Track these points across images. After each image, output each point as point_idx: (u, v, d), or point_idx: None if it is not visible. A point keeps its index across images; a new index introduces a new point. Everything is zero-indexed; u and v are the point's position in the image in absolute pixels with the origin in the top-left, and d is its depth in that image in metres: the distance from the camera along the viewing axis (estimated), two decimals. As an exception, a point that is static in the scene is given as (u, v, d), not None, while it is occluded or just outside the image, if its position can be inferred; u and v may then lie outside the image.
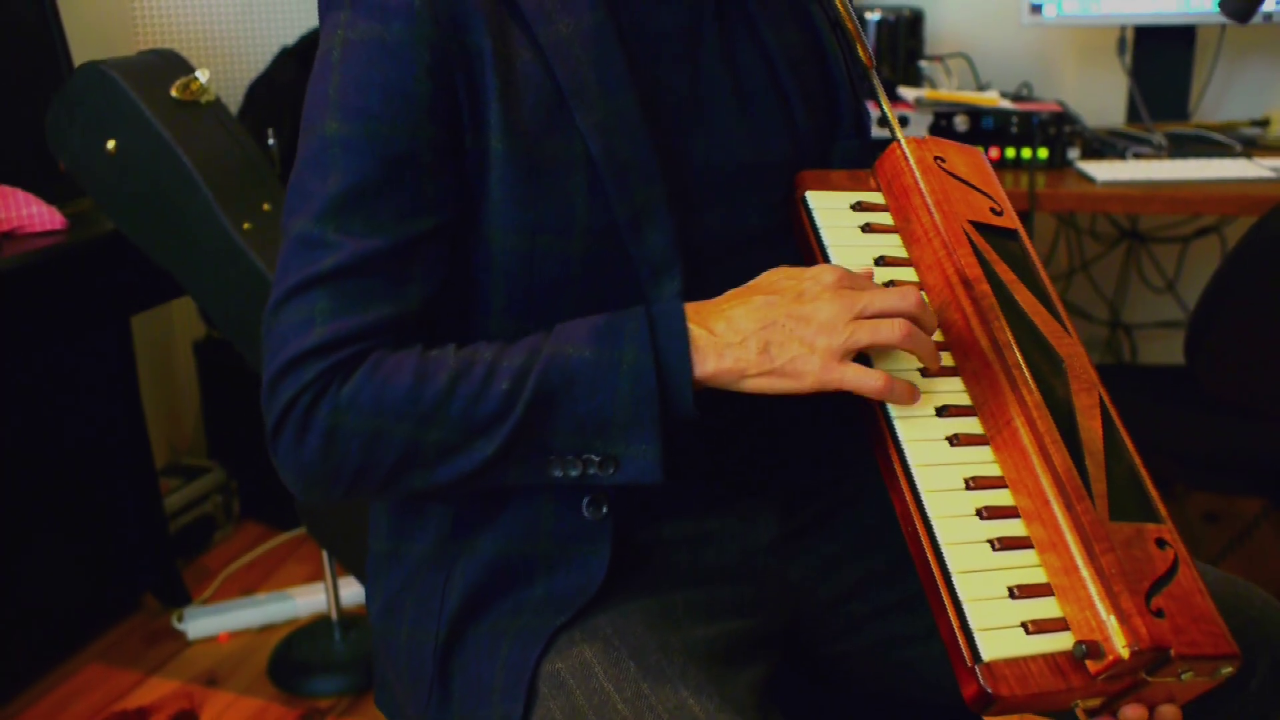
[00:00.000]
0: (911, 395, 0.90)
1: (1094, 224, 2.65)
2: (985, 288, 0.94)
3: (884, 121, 1.07)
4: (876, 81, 1.05)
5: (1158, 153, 2.24)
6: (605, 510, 0.96)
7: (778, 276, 0.92)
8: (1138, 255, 2.67)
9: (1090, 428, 0.90)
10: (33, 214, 1.89)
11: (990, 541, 0.87)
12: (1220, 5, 1.12)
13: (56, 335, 2.11)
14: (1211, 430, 1.91)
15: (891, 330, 0.88)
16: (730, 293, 0.93)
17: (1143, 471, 0.91)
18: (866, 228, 1.02)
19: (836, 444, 1.11)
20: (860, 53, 1.06)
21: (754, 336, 0.88)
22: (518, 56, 0.93)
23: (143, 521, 2.37)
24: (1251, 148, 2.28)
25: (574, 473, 0.90)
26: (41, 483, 2.21)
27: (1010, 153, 2.18)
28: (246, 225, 1.79)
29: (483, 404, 0.89)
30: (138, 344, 2.37)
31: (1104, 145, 2.28)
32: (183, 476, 2.62)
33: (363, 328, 0.90)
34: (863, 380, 0.88)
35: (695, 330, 0.89)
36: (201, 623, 2.31)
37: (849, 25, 1.04)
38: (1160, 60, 2.44)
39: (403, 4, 0.91)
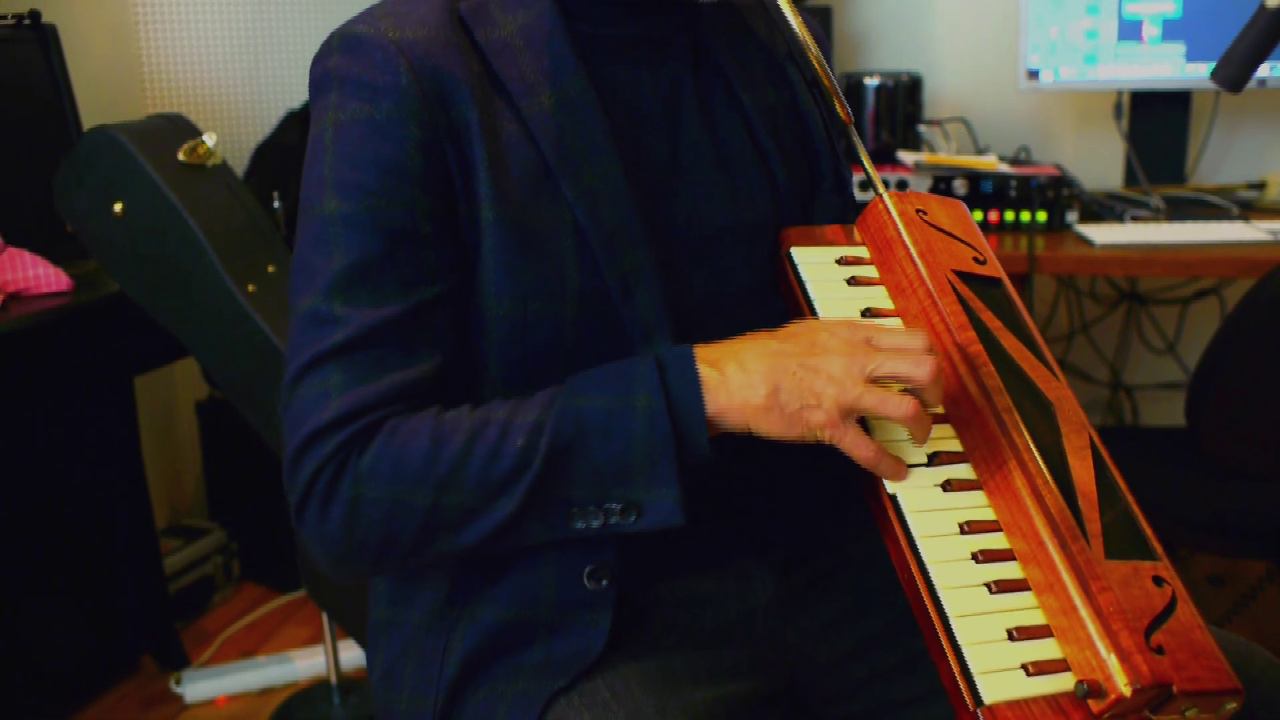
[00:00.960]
0: (899, 473, 0.91)
1: (1094, 286, 2.66)
2: (971, 334, 0.95)
3: (867, 176, 1.08)
4: (855, 138, 1.07)
5: (1155, 215, 2.25)
6: (606, 582, 0.97)
7: (797, 327, 0.93)
8: (1138, 317, 2.68)
9: (1082, 469, 0.91)
10: (39, 275, 1.91)
11: (987, 585, 0.87)
12: (1212, 74, 1.14)
13: (60, 395, 2.12)
14: (1214, 492, 1.91)
15: (898, 407, 0.87)
16: (745, 336, 0.93)
17: (1136, 510, 0.91)
18: (852, 281, 1.03)
19: (834, 504, 1.11)
20: (838, 109, 1.07)
21: (764, 380, 0.89)
22: (503, 128, 0.96)
23: (142, 583, 2.36)
24: (1248, 210, 2.30)
25: (596, 523, 0.91)
26: (41, 542, 2.20)
27: (1009, 216, 2.20)
28: (251, 287, 1.81)
29: (499, 462, 0.89)
30: (140, 404, 2.37)
31: (1102, 208, 2.30)
32: (183, 537, 2.62)
33: (377, 396, 0.91)
34: (857, 447, 0.88)
35: (705, 370, 0.90)
36: (200, 685, 2.30)
37: (825, 83, 1.06)
38: (1156, 125, 2.47)
39: (390, 83, 0.93)
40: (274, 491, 2.45)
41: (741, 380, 0.89)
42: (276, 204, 2.06)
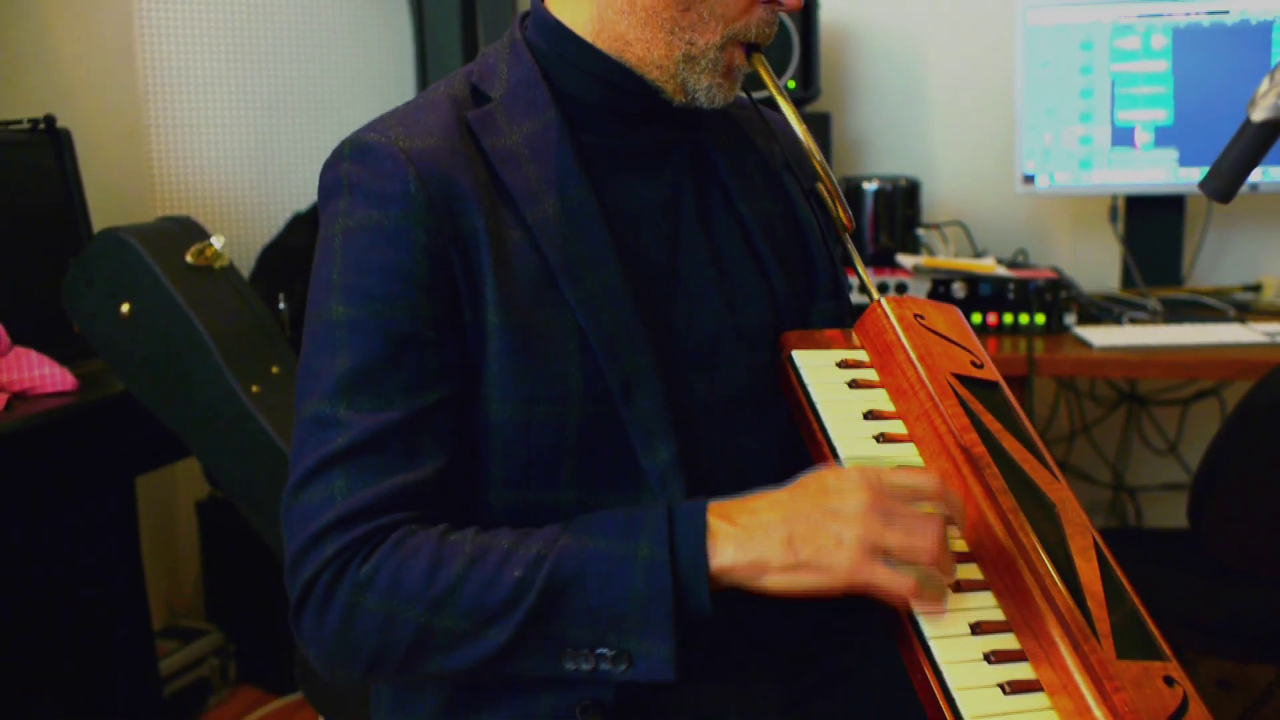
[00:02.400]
0: (941, 605, 0.89)
1: (1093, 387, 2.67)
2: (974, 436, 0.96)
3: (860, 281, 1.10)
4: (850, 246, 1.09)
5: (1153, 317, 2.27)
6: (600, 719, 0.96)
7: (805, 479, 0.93)
8: (1138, 418, 2.68)
9: (1088, 569, 0.91)
10: (44, 375, 1.92)
11: (1001, 686, 0.87)
12: (1202, 185, 1.16)
13: (61, 494, 2.12)
14: (1220, 595, 1.89)
15: (922, 544, 0.87)
16: (756, 494, 0.93)
17: (1142, 610, 0.92)
18: (853, 384, 1.05)
19: (841, 605, 1.10)
20: (839, 213, 1.10)
21: (779, 527, 0.88)
22: (509, 235, 0.98)
23: (137, 684, 2.33)
24: (1245, 312, 2.32)
25: (586, 666, 0.90)
26: (36, 640, 2.18)
27: (1008, 318, 2.22)
28: (254, 388, 1.82)
29: (494, 591, 0.90)
30: (140, 502, 2.37)
31: (1100, 310, 2.32)
32: (180, 639, 2.59)
33: (380, 500, 0.92)
34: (894, 581, 0.87)
35: (716, 523, 0.90)
36: (192, 791, 2.25)
37: (829, 188, 1.09)
38: (1151, 228, 2.50)
39: (399, 190, 0.95)
40: (273, 593, 2.43)
41: (754, 529, 0.89)
42: (282, 305, 2.09)
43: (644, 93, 1.03)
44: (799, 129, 1.07)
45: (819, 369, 1.05)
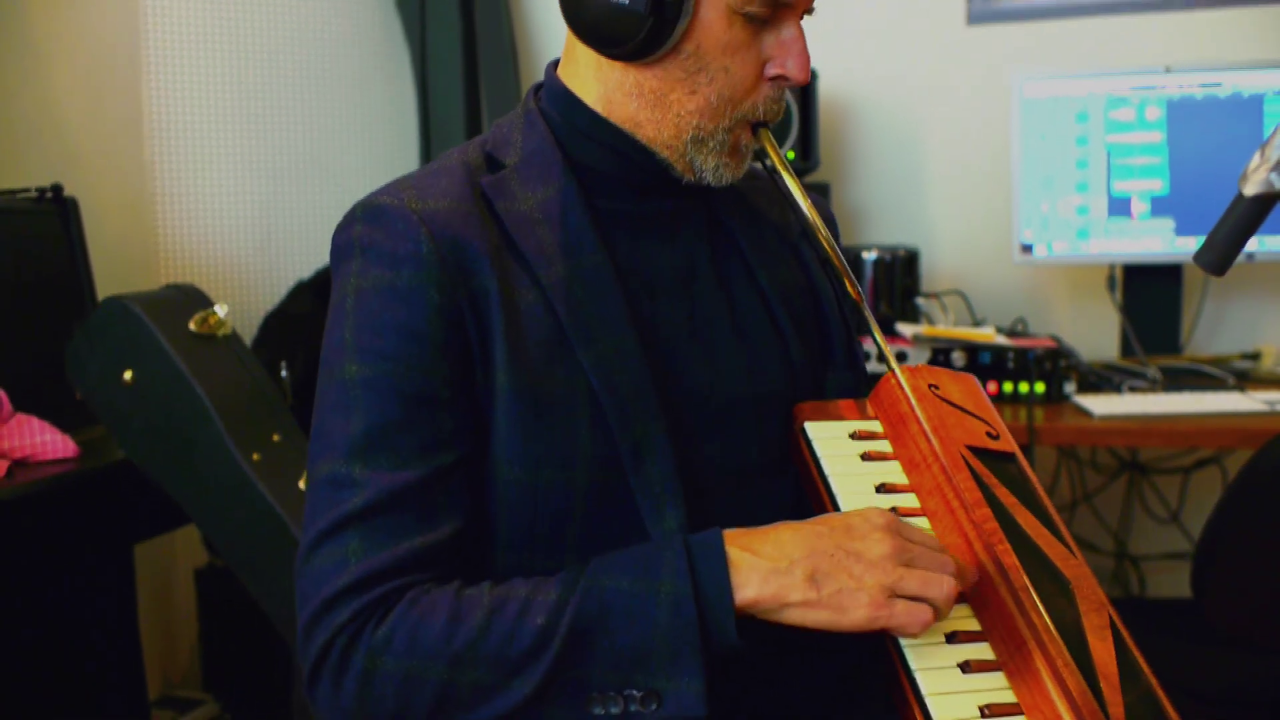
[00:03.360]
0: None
1: (1094, 456, 2.67)
2: (986, 511, 0.95)
3: (878, 352, 1.10)
4: (868, 314, 1.09)
5: (1153, 386, 2.28)
6: None
7: (828, 516, 0.94)
8: (1140, 486, 2.68)
9: (1102, 649, 0.90)
10: (45, 442, 1.92)
11: None
12: (1196, 258, 1.17)
13: (60, 562, 2.11)
14: (1223, 666, 1.88)
15: (940, 588, 0.88)
16: (777, 523, 0.93)
17: (1158, 690, 0.90)
18: (866, 456, 1.04)
19: (847, 678, 1.09)
20: (849, 288, 1.10)
21: (801, 563, 0.88)
22: (521, 297, 0.98)
23: (132, 757, 2.30)
24: (1244, 381, 2.32)
25: (615, 710, 0.89)
26: (32, 707, 2.16)
27: (1008, 387, 2.22)
28: (255, 456, 1.82)
29: (517, 641, 0.89)
30: (138, 569, 2.36)
31: (1100, 379, 2.33)
32: (176, 708, 2.56)
33: (394, 562, 0.91)
34: (914, 617, 0.88)
35: (736, 553, 0.90)
36: None
37: (836, 263, 1.09)
38: (1150, 296, 2.51)
39: (411, 251, 0.96)
40: (270, 662, 2.41)
41: (777, 561, 0.89)
42: (284, 373, 2.09)
43: (655, 168, 1.04)
44: (804, 204, 1.07)
45: (832, 441, 1.05)
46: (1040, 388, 2.21)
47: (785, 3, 0.98)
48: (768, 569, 0.89)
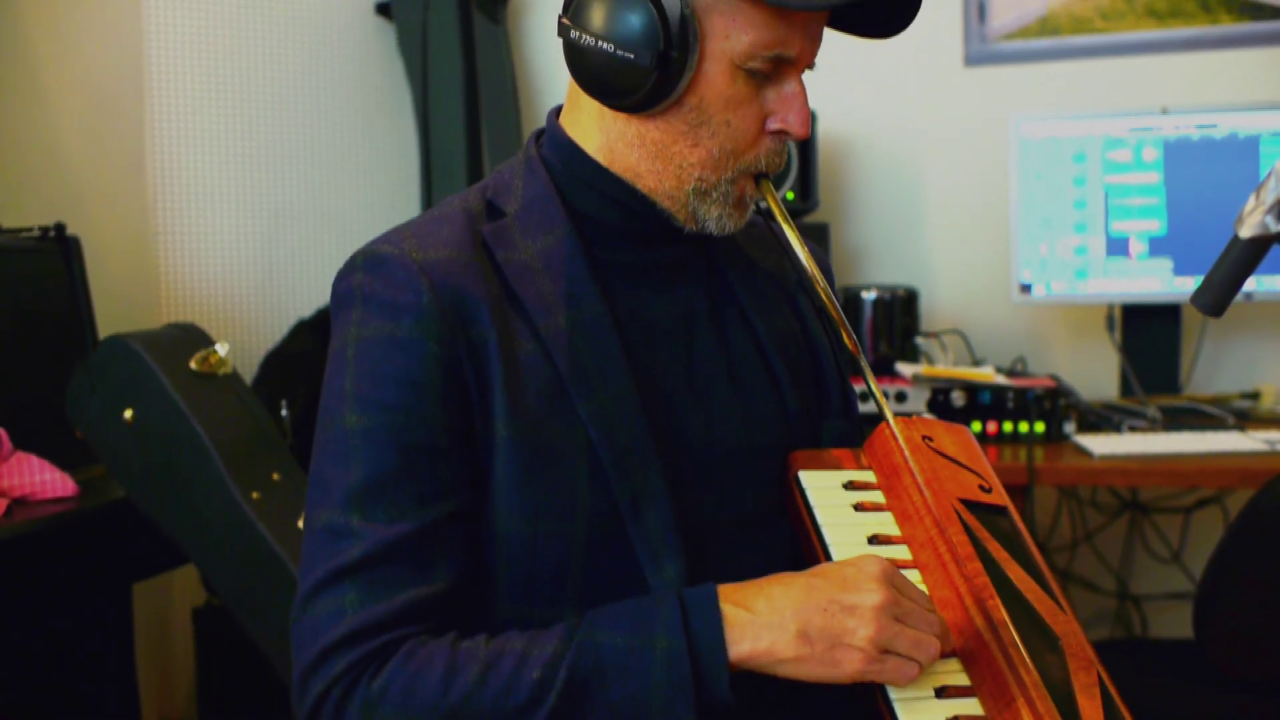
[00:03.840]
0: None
1: (1095, 495, 2.67)
2: (978, 565, 0.95)
3: (874, 404, 1.10)
4: (864, 365, 1.09)
5: (1152, 425, 2.28)
6: None
7: (822, 566, 0.94)
8: (1141, 526, 2.67)
9: (1091, 707, 0.90)
10: (45, 481, 1.92)
11: None
12: (1193, 300, 1.18)
13: (58, 601, 2.10)
14: (1226, 709, 1.87)
15: (926, 651, 0.89)
16: (771, 576, 0.94)
17: None
18: (859, 507, 1.04)
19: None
20: (845, 340, 1.10)
21: (794, 619, 0.89)
22: (521, 347, 0.99)
23: (127, 798, 2.29)
24: (1244, 420, 2.33)
25: None
26: (26, 755, 2.15)
27: (1008, 426, 2.23)
28: (255, 495, 1.82)
29: (513, 695, 0.89)
30: (136, 608, 2.35)
31: (1099, 418, 2.33)
32: (172, 750, 2.54)
33: (391, 614, 0.92)
34: (903, 672, 0.89)
35: (731, 610, 0.90)
36: None
37: (833, 313, 1.09)
38: (1149, 336, 2.52)
39: (411, 301, 0.96)
40: (268, 703, 2.39)
41: (770, 617, 0.89)
42: (284, 412, 2.09)
43: (656, 217, 1.05)
44: (802, 255, 1.07)
45: (825, 490, 1.05)
46: (1040, 427, 2.21)
47: (787, 59, 0.99)
48: (761, 625, 0.89)
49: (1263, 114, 2.40)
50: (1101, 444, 2.13)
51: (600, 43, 0.97)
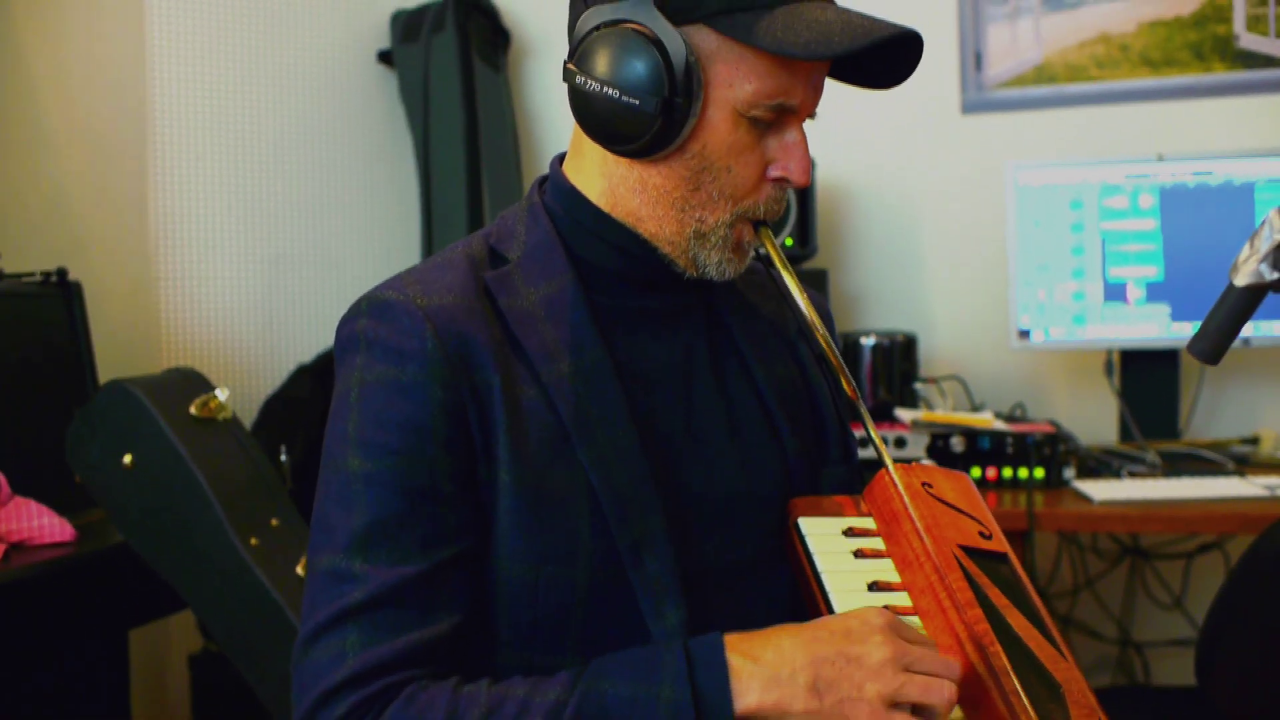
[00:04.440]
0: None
1: (1095, 541, 2.66)
2: (978, 612, 0.95)
3: (874, 450, 1.10)
4: (864, 411, 1.09)
5: (1152, 471, 2.28)
6: None
7: (827, 619, 0.93)
8: (1142, 572, 2.66)
9: None
10: (43, 525, 1.92)
11: None
12: (1189, 348, 1.19)
13: (55, 646, 2.09)
14: (1230, 756, 1.85)
15: (940, 694, 0.88)
16: (777, 626, 0.93)
17: None
18: (859, 553, 1.04)
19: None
20: (845, 387, 1.10)
21: (803, 671, 0.88)
22: (523, 393, 0.99)
23: (121, 847, 2.26)
24: (1244, 465, 2.32)
25: None
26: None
27: (1007, 472, 2.22)
28: (254, 540, 1.82)
29: None
30: (133, 654, 2.33)
31: (1099, 464, 2.33)
32: (167, 798, 2.52)
33: (394, 657, 0.91)
34: None
35: (737, 661, 0.89)
36: None
37: (833, 361, 1.10)
38: (1147, 381, 2.52)
39: (416, 347, 0.97)
40: (264, 750, 2.36)
41: (779, 669, 0.88)
42: (284, 457, 2.09)
43: (657, 263, 1.05)
44: (802, 302, 1.08)
45: (825, 537, 1.05)
46: (1040, 473, 2.21)
47: (789, 107, 1.00)
48: (769, 676, 0.88)
49: (1257, 161, 2.41)
50: (1101, 490, 2.13)
51: (605, 89, 0.98)
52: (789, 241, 2.52)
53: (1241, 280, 1.15)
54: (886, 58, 1.01)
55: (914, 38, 0.97)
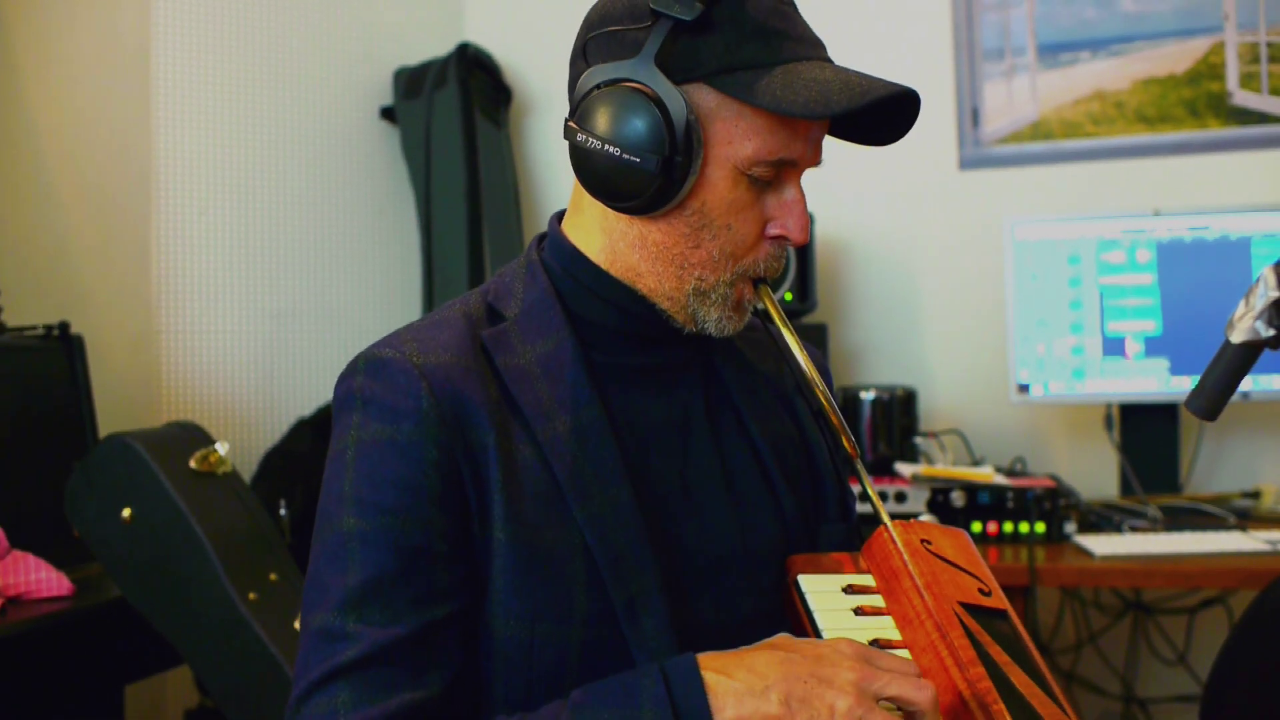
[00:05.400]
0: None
1: (1098, 596, 2.65)
2: (980, 670, 0.95)
3: (870, 506, 1.09)
4: (862, 470, 1.09)
5: (1153, 525, 2.27)
6: None
7: (799, 640, 0.93)
8: (1145, 627, 2.65)
9: None
10: (40, 580, 1.91)
11: None
12: (1187, 404, 1.19)
13: (51, 702, 2.07)
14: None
15: (917, 690, 0.88)
16: (748, 646, 0.93)
17: None
18: (859, 611, 1.03)
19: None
20: (845, 444, 1.10)
21: (776, 687, 0.88)
22: (519, 451, 0.99)
23: None
24: (1245, 520, 2.32)
25: None
26: None
27: (1008, 527, 2.22)
28: (252, 595, 1.81)
29: None
30: (128, 709, 2.31)
31: (1100, 518, 2.32)
32: None
33: (384, 717, 0.91)
34: None
35: (713, 677, 0.89)
36: None
37: (832, 418, 1.10)
38: (1147, 435, 2.52)
39: (412, 406, 0.97)
40: (260, 808, 2.33)
41: (752, 684, 0.88)
42: (283, 511, 2.09)
43: (655, 319, 1.06)
44: (802, 359, 1.08)
45: (824, 594, 1.04)
46: (1040, 528, 2.20)
47: (789, 164, 1.01)
48: (743, 691, 0.88)
49: (1253, 216, 2.43)
50: (1103, 544, 2.12)
51: (606, 146, 0.99)
52: (789, 296, 2.53)
53: (1238, 337, 1.15)
54: (884, 115, 1.02)
55: (911, 96, 0.98)
